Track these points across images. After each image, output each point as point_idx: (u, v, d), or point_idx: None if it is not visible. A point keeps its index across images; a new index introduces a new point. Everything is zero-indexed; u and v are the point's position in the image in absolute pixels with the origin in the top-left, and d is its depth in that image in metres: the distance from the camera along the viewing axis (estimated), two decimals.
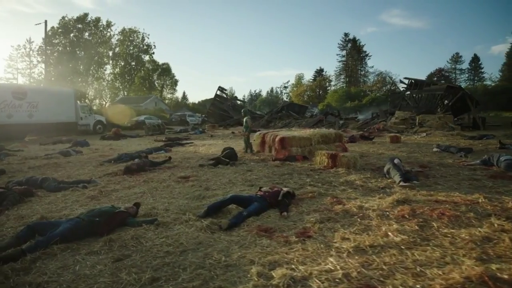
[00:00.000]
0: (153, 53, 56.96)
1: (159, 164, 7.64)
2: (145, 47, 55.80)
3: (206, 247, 2.99)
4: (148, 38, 57.56)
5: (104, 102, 52.70)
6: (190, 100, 70.15)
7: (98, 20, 50.89)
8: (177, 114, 37.93)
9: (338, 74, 69.86)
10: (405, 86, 25.62)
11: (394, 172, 5.57)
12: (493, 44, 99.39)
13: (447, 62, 64.69)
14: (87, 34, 50.57)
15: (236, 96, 47.14)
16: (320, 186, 5.26)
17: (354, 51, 67.61)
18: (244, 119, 10.31)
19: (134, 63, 55.57)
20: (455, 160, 7.74)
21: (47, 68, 43.50)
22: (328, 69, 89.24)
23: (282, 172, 6.59)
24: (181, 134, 20.42)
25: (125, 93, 55.24)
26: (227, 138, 16.53)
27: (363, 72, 69.72)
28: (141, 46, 55.60)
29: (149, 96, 50.81)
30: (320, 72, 71.34)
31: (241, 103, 37.06)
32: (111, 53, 53.62)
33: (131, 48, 55.04)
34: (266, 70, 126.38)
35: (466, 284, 2.20)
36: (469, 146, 10.15)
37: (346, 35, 68.60)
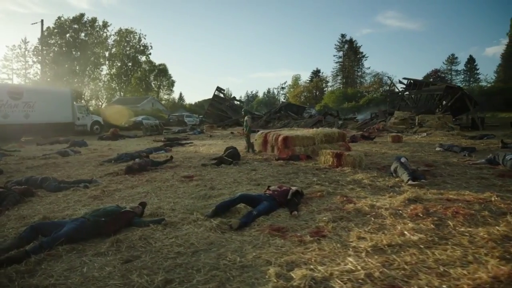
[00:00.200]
0: (149, 54, 56.58)
1: (161, 164, 7.52)
2: (141, 47, 55.36)
3: (218, 248, 2.88)
4: (144, 38, 56.97)
5: (100, 103, 52.23)
6: (187, 101, 69.75)
7: (94, 20, 50.40)
8: (175, 115, 37.77)
9: (335, 75, 69.72)
10: (404, 86, 25.70)
11: (401, 171, 5.50)
12: (487, 45, 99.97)
13: (443, 63, 64.71)
14: (83, 34, 50.02)
15: (234, 96, 46.83)
16: (328, 185, 5.17)
17: (351, 52, 67.57)
18: (244, 119, 10.25)
19: (130, 64, 55.04)
20: (460, 159, 7.70)
21: (43, 69, 43.04)
22: (325, 70, 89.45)
23: (287, 171, 6.49)
24: (179, 134, 20.30)
25: (121, 94, 54.79)
26: (226, 138, 16.42)
27: (359, 73, 69.63)
28: (137, 46, 55.13)
29: (146, 97, 50.38)
30: (316, 73, 71.19)
31: (239, 103, 36.93)
32: (107, 53, 53.12)
33: (128, 48, 54.58)
34: (263, 71, 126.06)
35: (495, 284, 2.13)
36: (471, 145, 10.14)
37: (343, 36, 68.53)
